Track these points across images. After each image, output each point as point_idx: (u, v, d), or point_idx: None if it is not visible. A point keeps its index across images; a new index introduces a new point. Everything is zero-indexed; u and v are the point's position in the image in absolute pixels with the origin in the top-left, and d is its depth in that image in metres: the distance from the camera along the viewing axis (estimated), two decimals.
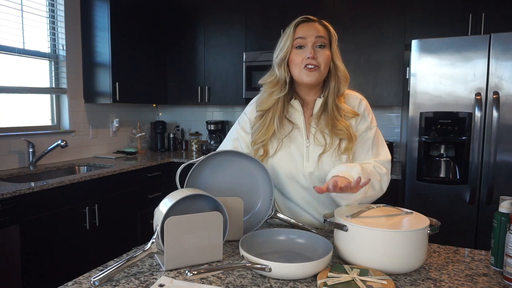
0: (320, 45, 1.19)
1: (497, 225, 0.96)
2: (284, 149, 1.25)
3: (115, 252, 2.39)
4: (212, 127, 3.66)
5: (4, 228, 1.96)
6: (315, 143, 1.24)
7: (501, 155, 2.22)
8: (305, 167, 1.24)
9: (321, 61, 1.19)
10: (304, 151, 1.24)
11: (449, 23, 2.70)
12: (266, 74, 1.29)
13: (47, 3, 2.92)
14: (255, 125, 1.28)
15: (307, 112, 1.28)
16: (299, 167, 1.24)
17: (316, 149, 1.24)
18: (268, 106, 1.25)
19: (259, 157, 1.26)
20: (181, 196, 0.97)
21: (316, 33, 1.18)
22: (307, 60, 1.17)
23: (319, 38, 1.18)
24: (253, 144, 1.26)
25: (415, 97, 2.40)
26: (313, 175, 1.24)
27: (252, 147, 1.27)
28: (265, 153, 1.26)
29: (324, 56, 1.19)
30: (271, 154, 1.25)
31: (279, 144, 1.25)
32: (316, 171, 1.23)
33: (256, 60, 3.25)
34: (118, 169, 2.72)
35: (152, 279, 0.90)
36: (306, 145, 1.24)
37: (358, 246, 0.93)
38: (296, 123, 1.26)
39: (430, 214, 1.04)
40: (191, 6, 3.55)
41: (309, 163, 1.24)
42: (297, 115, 1.26)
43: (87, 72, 3.16)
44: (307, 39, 1.18)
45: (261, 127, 1.25)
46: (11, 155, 2.64)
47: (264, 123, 1.25)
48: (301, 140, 1.25)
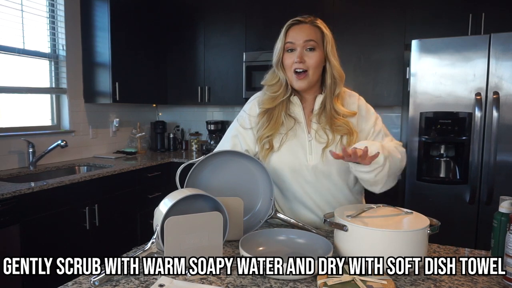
0: (310, 48, 1.20)
1: (497, 225, 0.96)
2: (287, 143, 1.27)
3: (115, 252, 2.39)
4: (212, 127, 3.66)
5: (4, 228, 1.96)
6: (318, 139, 1.26)
7: (501, 155, 2.22)
8: (309, 161, 1.25)
9: (309, 65, 1.20)
10: (306, 145, 1.26)
11: (449, 23, 2.70)
12: (267, 75, 1.30)
13: (47, 3, 2.92)
14: (260, 120, 1.29)
15: (306, 108, 1.30)
16: (302, 161, 1.25)
17: (319, 143, 1.26)
18: (274, 105, 1.27)
19: (265, 151, 1.27)
20: (181, 196, 0.97)
21: (305, 37, 1.20)
22: (294, 64, 1.20)
23: (308, 42, 1.20)
24: (259, 139, 1.28)
25: (415, 97, 2.40)
26: (317, 169, 1.25)
27: (259, 143, 1.28)
28: (270, 147, 1.27)
29: (313, 59, 1.20)
30: (276, 149, 1.27)
31: (283, 139, 1.27)
32: (320, 164, 1.24)
33: (256, 60, 3.25)
34: (118, 169, 2.72)
35: (152, 279, 0.90)
36: (308, 139, 1.26)
37: (358, 246, 0.93)
38: (297, 118, 1.28)
39: (430, 214, 1.04)
40: (191, 6, 3.55)
41: (313, 156, 1.25)
42: (297, 111, 1.28)
43: (87, 72, 3.16)
44: (295, 43, 1.21)
45: (267, 123, 1.27)
46: (11, 155, 2.64)
47: (270, 118, 1.27)
48: (302, 135, 1.27)
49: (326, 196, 1.28)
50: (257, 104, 1.33)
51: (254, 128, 1.31)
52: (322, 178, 1.26)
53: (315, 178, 1.26)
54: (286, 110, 1.27)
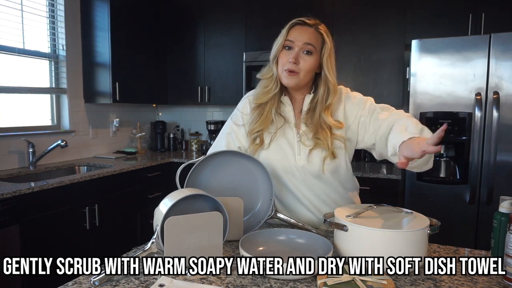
0: (307, 51, 1.20)
1: (497, 225, 0.96)
2: (276, 142, 1.27)
3: (115, 252, 2.38)
4: (212, 127, 3.66)
5: (4, 228, 1.96)
6: (303, 142, 1.25)
7: (501, 155, 2.22)
8: (297, 161, 1.25)
9: (302, 68, 1.20)
10: (295, 145, 1.26)
11: (449, 23, 2.70)
12: (264, 68, 1.31)
13: (47, 3, 2.92)
14: (252, 115, 1.29)
15: (296, 108, 1.30)
16: (291, 161, 1.26)
17: (305, 144, 1.25)
18: (265, 100, 1.27)
19: (255, 146, 1.27)
20: (181, 196, 0.97)
21: (305, 39, 1.19)
22: (288, 63, 1.19)
23: (307, 45, 1.19)
24: (250, 133, 1.28)
25: (415, 97, 2.40)
26: (306, 169, 1.25)
27: (249, 136, 1.29)
28: (261, 142, 1.27)
29: (307, 63, 1.19)
30: (266, 146, 1.27)
31: (272, 137, 1.27)
32: (307, 165, 1.24)
33: (256, 60, 3.25)
34: (118, 169, 2.72)
35: (152, 279, 0.90)
36: (297, 140, 1.26)
37: (358, 246, 0.93)
38: (287, 118, 1.28)
39: (430, 214, 1.04)
40: (191, 6, 3.55)
41: (301, 156, 1.25)
42: (287, 110, 1.29)
43: (87, 72, 3.16)
44: (295, 43, 1.20)
45: (258, 117, 1.27)
46: (11, 155, 2.63)
47: (261, 113, 1.27)
48: (291, 134, 1.27)
49: (320, 195, 1.28)
50: (249, 102, 1.34)
51: (246, 125, 1.32)
52: (312, 178, 1.26)
53: (306, 178, 1.26)
54: (276, 108, 1.27)
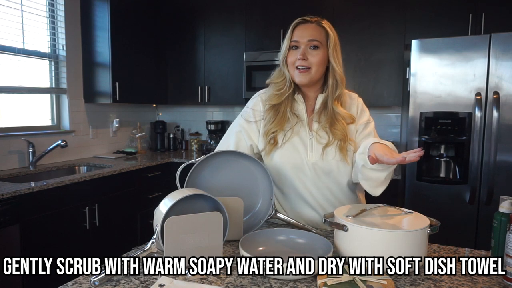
0: (314, 46, 1.23)
1: (497, 225, 0.96)
2: (290, 140, 1.29)
3: (115, 252, 2.39)
4: (212, 127, 3.66)
5: (4, 228, 1.96)
6: (318, 139, 1.28)
7: (501, 155, 2.22)
8: (309, 157, 1.27)
9: (312, 62, 1.23)
10: (307, 142, 1.28)
11: (449, 23, 2.70)
12: (273, 73, 1.33)
13: (47, 3, 2.92)
14: (267, 116, 1.31)
15: (309, 106, 1.32)
16: (303, 157, 1.27)
17: (319, 143, 1.27)
18: (279, 101, 1.29)
19: (270, 146, 1.29)
20: (181, 196, 0.97)
21: (309, 36, 1.23)
22: (297, 61, 1.23)
23: (312, 41, 1.23)
24: (266, 134, 1.30)
25: (415, 97, 2.40)
26: (317, 166, 1.27)
27: (265, 137, 1.30)
28: (275, 142, 1.29)
29: (316, 57, 1.23)
30: (280, 145, 1.29)
31: (286, 135, 1.29)
32: (320, 161, 1.26)
33: (256, 60, 3.25)
34: (118, 169, 2.72)
35: (152, 279, 0.90)
36: (310, 137, 1.28)
37: (358, 246, 0.93)
38: (300, 116, 1.31)
39: (430, 214, 1.04)
40: (191, 6, 3.54)
41: (313, 153, 1.27)
42: (300, 108, 1.31)
43: (87, 72, 3.16)
44: (300, 41, 1.24)
45: (274, 118, 1.29)
46: (11, 155, 2.63)
47: (276, 114, 1.29)
48: (304, 132, 1.29)
49: (326, 194, 1.30)
50: (261, 100, 1.35)
51: (258, 122, 1.33)
52: (322, 175, 1.28)
53: (315, 175, 1.28)
54: (291, 107, 1.30)
